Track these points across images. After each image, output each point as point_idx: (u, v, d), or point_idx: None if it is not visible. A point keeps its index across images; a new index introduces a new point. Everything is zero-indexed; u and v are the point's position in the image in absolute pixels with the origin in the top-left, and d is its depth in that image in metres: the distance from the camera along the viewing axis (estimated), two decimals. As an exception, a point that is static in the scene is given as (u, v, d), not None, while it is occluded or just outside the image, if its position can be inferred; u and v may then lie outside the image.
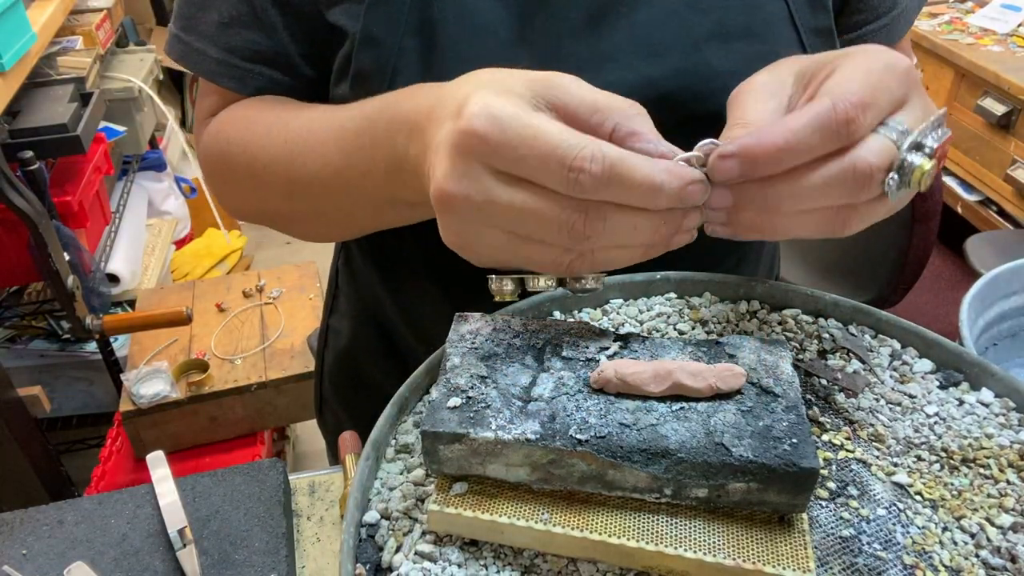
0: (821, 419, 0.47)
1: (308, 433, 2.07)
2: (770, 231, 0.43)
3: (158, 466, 0.64)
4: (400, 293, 0.72)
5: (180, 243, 2.39)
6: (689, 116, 0.58)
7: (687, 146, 0.59)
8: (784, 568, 0.37)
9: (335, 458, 0.93)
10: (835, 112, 0.38)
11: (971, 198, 2.10)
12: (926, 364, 0.51)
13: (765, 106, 0.42)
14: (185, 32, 0.63)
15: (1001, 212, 2.03)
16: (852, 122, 0.38)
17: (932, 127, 0.41)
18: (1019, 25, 2.07)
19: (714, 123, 0.59)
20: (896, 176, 0.39)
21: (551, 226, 0.38)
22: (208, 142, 0.65)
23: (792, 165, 0.39)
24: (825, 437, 0.46)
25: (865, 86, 0.39)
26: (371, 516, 0.42)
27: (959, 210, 2.14)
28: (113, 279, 1.83)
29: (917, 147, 0.40)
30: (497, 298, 0.45)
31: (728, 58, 0.56)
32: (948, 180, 2.15)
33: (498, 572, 0.39)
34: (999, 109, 1.89)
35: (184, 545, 0.57)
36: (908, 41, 0.71)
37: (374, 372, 0.79)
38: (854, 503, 0.43)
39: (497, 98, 0.39)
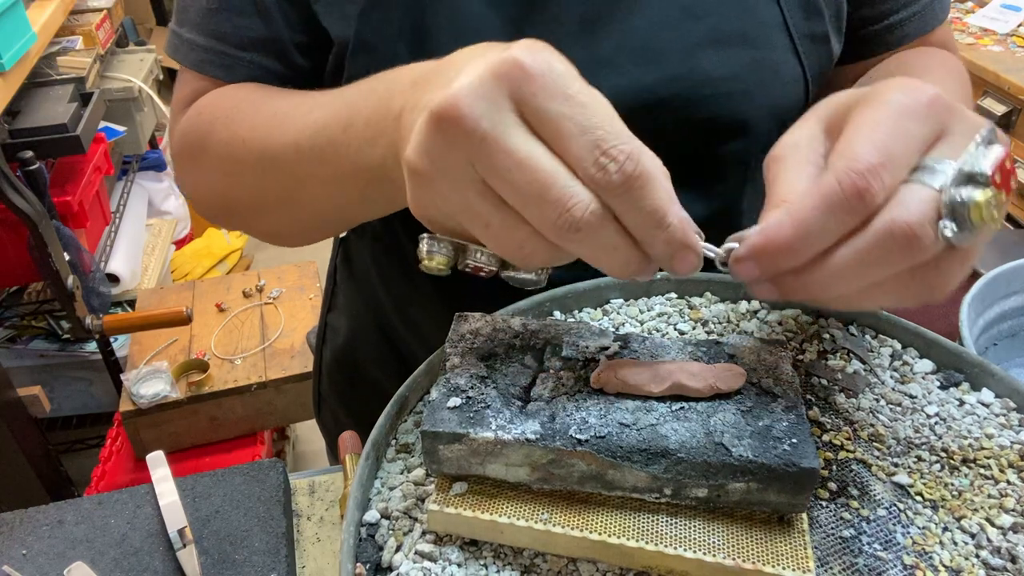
0: (821, 419, 0.47)
1: (308, 433, 2.07)
2: (841, 306, 0.40)
3: (158, 466, 0.64)
4: (396, 291, 0.72)
5: (180, 243, 2.39)
6: (684, 122, 0.58)
7: (679, 152, 0.60)
8: (784, 568, 0.37)
9: (334, 455, 0.94)
10: (842, 189, 0.33)
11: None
12: (926, 364, 0.51)
13: (800, 174, 0.37)
14: (179, 25, 0.62)
15: (1001, 212, 2.03)
16: (864, 193, 0.33)
17: (978, 150, 0.34)
18: (1019, 25, 2.07)
19: (708, 129, 0.59)
20: (951, 221, 0.33)
21: (547, 200, 0.34)
22: (185, 125, 0.61)
23: (817, 251, 0.35)
24: (825, 437, 0.46)
25: (875, 144, 0.34)
26: (371, 516, 0.42)
27: (959, 210, 2.14)
28: (113, 279, 1.84)
29: (968, 180, 0.34)
30: (424, 264, 0.40)
31: (723, 64, 0.56)
32: (948, 180, 2.15)
33: (498, 572, 0.39)
34: (999, 109, 1.88)
35: (184, 545, 0.57)
36: (948, 30, 0.67)
37: (372, 369, 0.79)
38: (854, 503, 0.43)
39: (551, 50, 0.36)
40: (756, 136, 0.60)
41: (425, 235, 0.40)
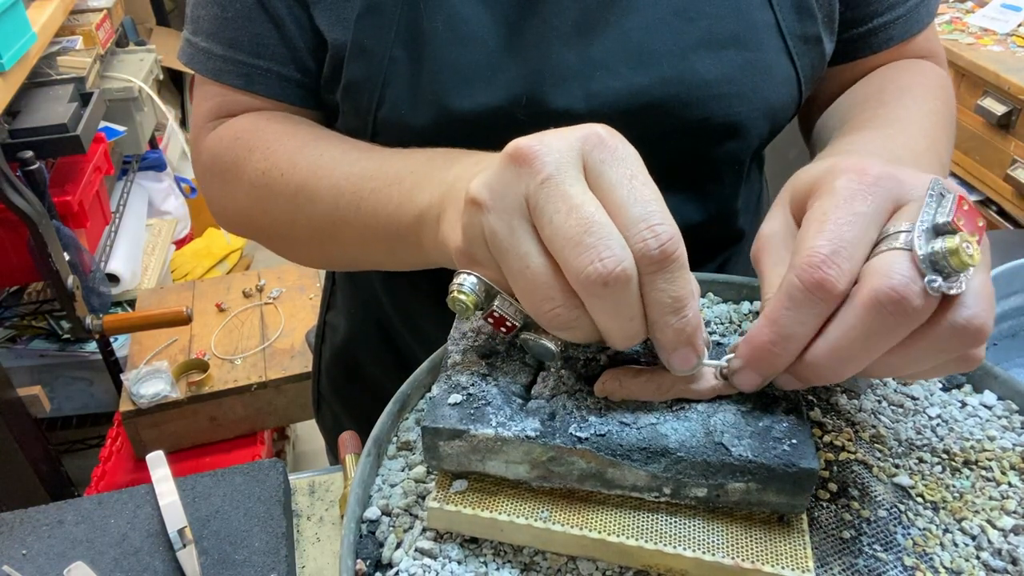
0: (823, 420, 0.47)
1: (308, 433, 2.07)
2: (879, 377, 0.43)
3: (158, 466, 0.64)
4: (394, 289, 0.72)
5: (180, 243, 2.39)
6: (678, 124, 0.58)
7: (674, 154, 0.60)
8: (783, 568, 0.37)
9: (334, 455, 0.94)
10: (803, 283, 0.35)
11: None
12: (927, 364, 0.51)
13: (779, 268, 0.40)
14: (193, 34, 0.62)
15: (1001, 212, 2.03)
16: (823, 283, 0.35)
17: (932, 204, 0.36)
18: (1019, 25, 2.07)
19: (702, 130, 0.59)
20: (935, 274, 0.34)
21: (584, 244, 0.35)
22: (217, 146, 0.62)
23: (802, 344, 0.36)
24: (827, 438, 0.46)
25: (826, 235, 0.35)
26: (372, 512, 0.42)
27: (959, 210, 2.14)
28: (113, 279, 1.84)
29: (936, 232, 0.35)
30: (453, 295, 0.40)
31: (716, 66, 0.56)
32: (948, 180, 2.15)
33: (498, 569, 0.39)
34: (999, 109, 1.88)
35: (184, 545, 0.57)
36: (933, 35, 0.67)
37: (371, 367, 0.79)
38: (855, 504, 0.42)
39: None
40: (749, 137, 0.61)
41: (464, 271, 0.40)
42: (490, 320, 0.40)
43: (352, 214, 0.53)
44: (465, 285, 0.39)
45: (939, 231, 0.35)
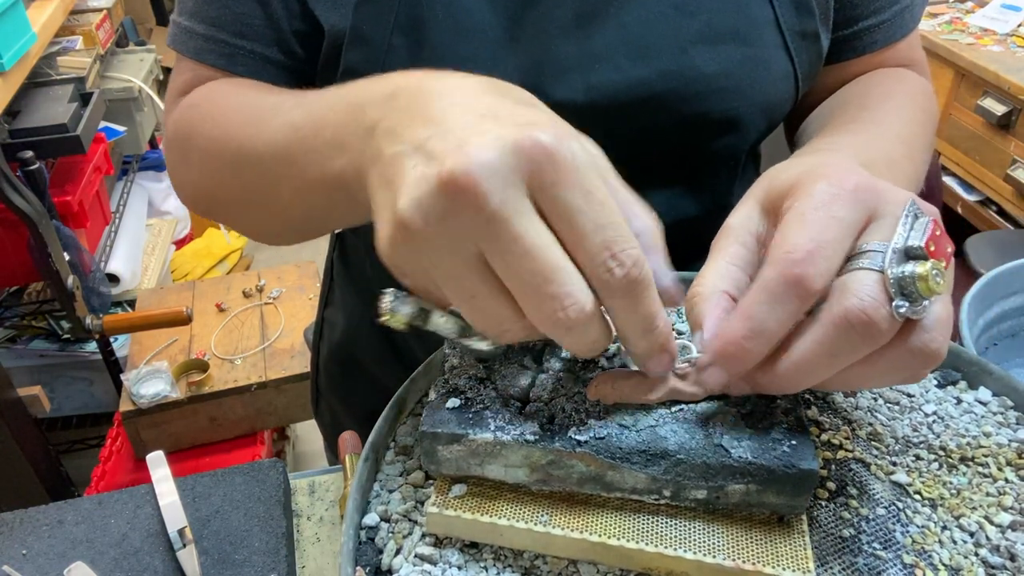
0: (820, 418, 0.47)
1: (308, 433, 2.07)
2: (825, 389, 0.42)
3: (158, 466, 0.64)
4: (391, 285, 0.72)
5: (180, 243, 2.39)
6: (676, 117, 0.58)
7: (671, 147, 0.59)
8: (783, 569, 0.37)
9: (332, 452, 0.94)
10: (782, 278, 0.35)
11: (971, 198, 2.10)
12: (925, 364, 0.51)
13: (723, 258, 0.40)
14: (178, 15, 0.61)
15: (1001, 212, 2.03)
16: (802, 279, 0.34)
17: (907, 225, 0.36)
18: (1019, 25, 2.07)
19: (700, 124, 0.59)
20: (902, 299, 0.34)
21: (546, 293, 0.33)
22: (178, 116, 0.60)
23: (773, 343, 0.36)
24: (824, 437, 0.46)
25: (806, 234, 0.35)
26: (371, 519, 0.42)
27: (959, 210, 2.14)
28: (113, 279, 1.84)
29: (907, 255, 0.35)
30: (383, 318, 0.37)
31: (715, 61, 0.57)
32: (948, 180, 2.15)
33: (498, 574, 0.39)
34: (999, 109, 1.88)
35: (184, 545, 0.57)
36: (916, 40, 0.68)
37: (369, 364, 0.79)
38: (853, 502, 0.43)
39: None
40: (746, 132, 0.61)
41: (391, 290, 0.37)
42: (423, 331, 0.38)
43: (287, 168, 0.48)
44: (394, 309, 0.37)
45: (910, 255, 0.35)
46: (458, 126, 0.34)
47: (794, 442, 0.38)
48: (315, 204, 0.49)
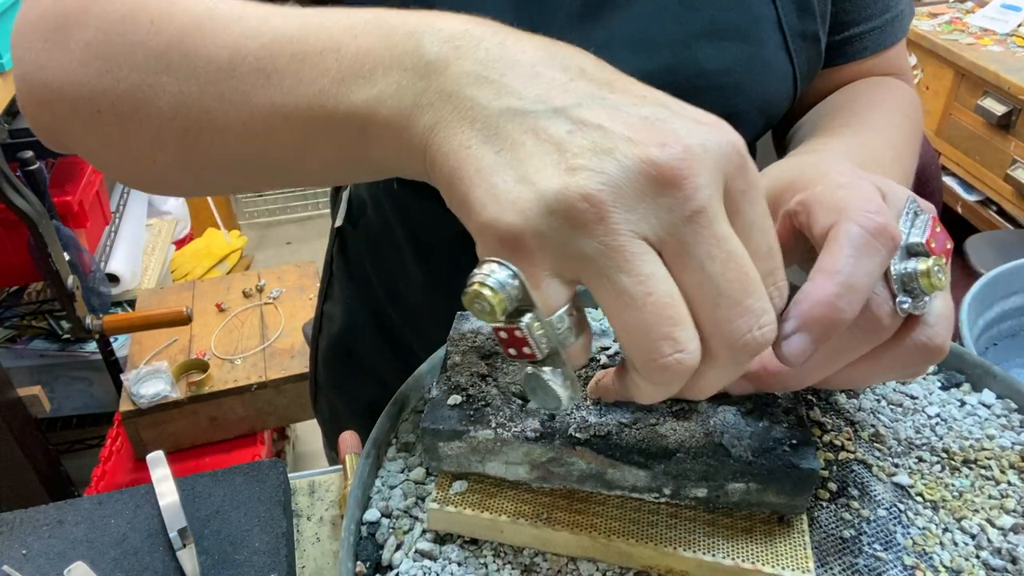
0: (822, 420, 0.47)
1: (308, 433, 2.07)
2: (823, 387, 0.42)
3: (158, 466, 0.64)
4: (389, 279, 0.72)
5: (180, 243, 2.39)
6: None
7: None
8: (783, 568, 0.37)
9: (331, 447, 0.94)
10: (865, 231, 0.34)
11: (971, 198, 2.10)
12: (927, 364, 0.51)
13: None
14: None
15: (1001, 212, 2.03)
16: (886, 228, 0.34)
17: (908, 222, 0.36)
18: (1019, 25, 2.07)
19: None
20: (904, 295, 0.34)
21: (744, 305, 0.29)
22: None
23: (863, 301, 0.34)
24: (826, 438, 0.46)
25: (876, 193, 0.36)
26: (372, 514, 0.42)
27: (959, 210, 2.14)
28: (113, 279, 1.84)
29: (908, 252, 0.35)
30: (474, 289, 0.29)
31: (717, 57, 0.57)
32: (948, 180, 2.15)
33: (498, 571, 0.39)
34: (999, 109, 1.88)
35: (184, 545, 0.57)
36: (904, 50, 0.69)
37: (367, 357, 0.79)
38: (855, 504, 0.42)
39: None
40: (744, 129, 0.61)
41: (496, 260, 0.29)
42: (503, 334, 0.30)
43: (253, 85, 0.37)
44: (492, 278, 0.29)
45: (912, 251, 0.35)
46: (623, 100, 0.31)
47: (794, 441, 0.38)
48: (277, 140, 0.38)
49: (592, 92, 0.31)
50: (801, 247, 0.40)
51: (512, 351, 0.31)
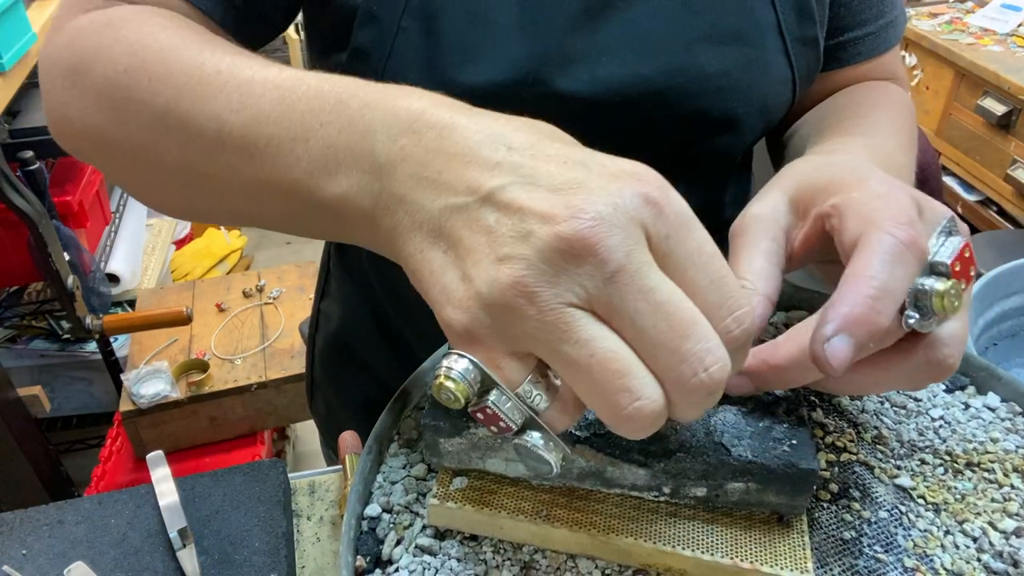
0: (825, 421, 0.47)
1: (308, 433, 2.07)
2: (836, 392, 0.43)
3: (158, 466, 0.64)
4: (386, 276, 0.72)
5: (180, 243, 2.39)
6: (676, 114, 0.58)
7: (669, 143, 0.59)
8: (782, 568, 0.37)
9: (327, 444, 0.94)
10: (899, 241, 0.34)
11: (971, 198, 2.10)
12: (928, 365, 0.51)
13: (758, 250, 0.40)
14: None
15: (1001, 212, 2.03)
16: (917, 240, 0.35)
17: (939, 241, 0.36)
18: (1019, 25, 2.07)
19: (699, 123, 0.59)
20: (914, 310, 0.34)
21: (683, 351, 0.30)
22: (79, 30, 0.48)
23: (897, 307, 0.35)
24: (828, 439, 0.46)
25: (903, 207, 0.36)
26: (372, 509, 0.42)
27: (959, 210, 2.14)
28: (113, 279, 1.84)
29: (931, 269, 0.35)
30: (439, 382, 0.32)
31: (718, 60, 0.57)
32: (948, 180, 2.15)
33: (497, 567, 0.39)
34: (999, 109, 1.88)
35: (184, 545, 0.57)
36: (898, 56, 0.70)
37: (364, 353, 0.79)
38: (856, 505, 0.42)
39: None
40: (744, 132, 0.61)
41: (457, 352, 0.32)
42: (479, 415, 0.32)
43: (240, 160, 0.39)
44: (454, 370, 0.31)
45: (934, 270, 0.35)
46: (542, 173, 0.31)
47: (795, 441, 0.38)
48: (272, 209, 0.41)
49: (516, 167, 0.32)
50: (825, 248, 0.40)
51: (493, 428, 0.33)
